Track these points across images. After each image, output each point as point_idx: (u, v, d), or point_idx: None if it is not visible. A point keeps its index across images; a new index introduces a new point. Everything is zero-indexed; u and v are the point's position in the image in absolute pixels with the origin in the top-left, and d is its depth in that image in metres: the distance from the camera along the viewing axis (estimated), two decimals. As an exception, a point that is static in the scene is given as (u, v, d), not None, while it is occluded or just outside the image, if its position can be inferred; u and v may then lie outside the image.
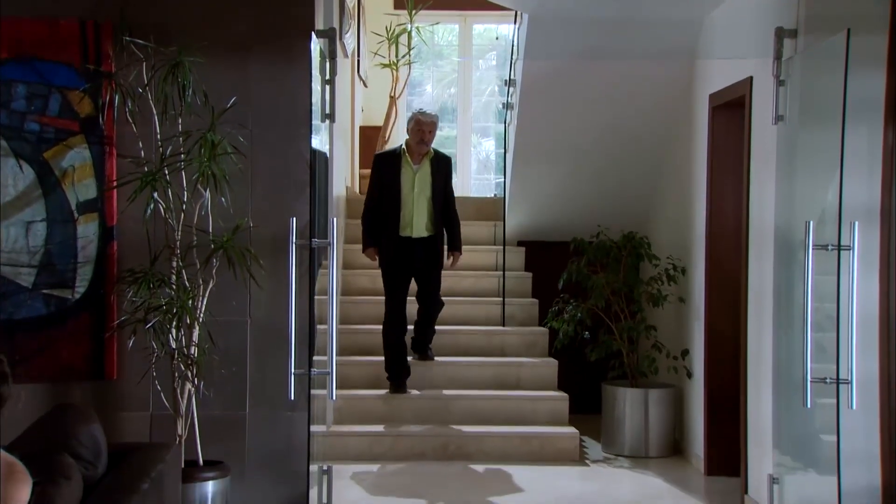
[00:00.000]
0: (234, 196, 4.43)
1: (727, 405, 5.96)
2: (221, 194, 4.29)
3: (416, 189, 6.62)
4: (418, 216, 6.63)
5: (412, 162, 6.65)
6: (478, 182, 13.10)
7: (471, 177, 12.91)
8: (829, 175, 4.19)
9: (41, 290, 4.47)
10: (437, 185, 6.70)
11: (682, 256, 6.76)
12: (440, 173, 6.72)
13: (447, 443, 6.58)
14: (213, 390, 4.53)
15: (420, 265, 6.71)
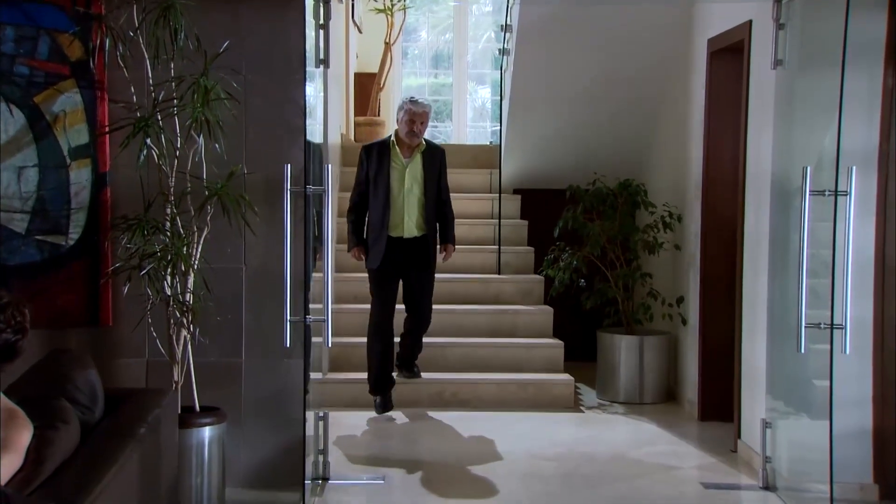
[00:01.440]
0: (227, 142, 4.38)
1: (721, 351, 5.99)
2: (215, 140, 4.24)
3: (407, 185, 6.02)
4: (409, 215, 6.03)
5: (402, 155, 6.05)
6: (474, 130, 13.04)
7: (466, 125, 12.85)
8: (827, 120, 4.16)
9: (34, 237, 4.44)
10: (429, 180, 6.09)
11: (678, 204, 6.74)
12: (433, 167, 6.11)
13: (443, 390, 6.61)
14: (208, 337, 4.52)
15: (411, 268, 6.12)
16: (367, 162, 6.08)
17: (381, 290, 6.11)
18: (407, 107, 6.04)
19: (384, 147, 6.10)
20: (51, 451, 2.51)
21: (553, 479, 4.97)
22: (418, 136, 6.04)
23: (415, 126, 6.00)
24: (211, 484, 4.32)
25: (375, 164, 6.03)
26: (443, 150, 6.30)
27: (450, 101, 12.95)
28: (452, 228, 6.34)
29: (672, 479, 5.02)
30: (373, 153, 6.09)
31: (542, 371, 6.87)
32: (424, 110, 6.05)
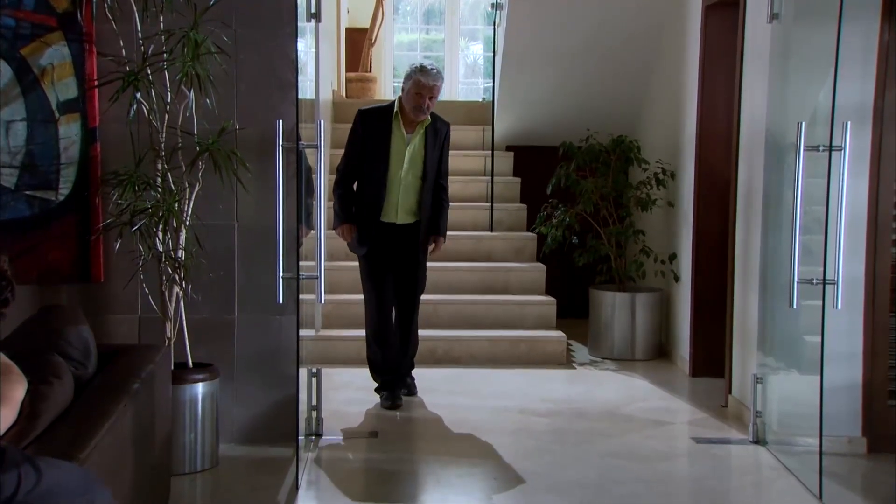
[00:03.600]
0: (218, 98, 4.34)
1: (713, 308, 6.01)
2: (206, 95, 4.20)
3: (406, 165, 5.25)
4: (405, 199, 5.29)
5: (405, 129, 5.26)
6: (465, 87, 12.95)
7: (458, 81, 12.76)
8: (822, 75, 4.13)
9: (24, 192, 4.41)
10: (429, 161, 5.29)
11: (671, 160, 6.72)
12: (435, 145, 5.31)
13: (435, 347, 6.62)
14: (200, 294, 4.52)
15: (400, 259, 5.41)
16: (362, 130, 5.28)
17: (375, 285, 5.38)
18: (416, 77, 5.13)
19: (386, 116, 5.25)
20: (45, 406, 2.51)
21: (544, 434, 4.99)
22: (425, 113, 5.20)
23: (423, 101, 5.13)
24: (204, 440, 4.34)
25: (373, 135, 5.24)
26: (448, 124, 5.46)
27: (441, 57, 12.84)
28: (446, 218, 5.53)
29: (663, 434, 5.05)
30: (371, 121, 5.27)
31: (534, 328, 6.89)
32: (436, 84, 5.14)
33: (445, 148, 5.43)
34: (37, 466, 1.90)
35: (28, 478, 1.87)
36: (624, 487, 4.17)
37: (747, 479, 4.41)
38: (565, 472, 4.38)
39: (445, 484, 4.28)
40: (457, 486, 4.27)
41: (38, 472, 1.90)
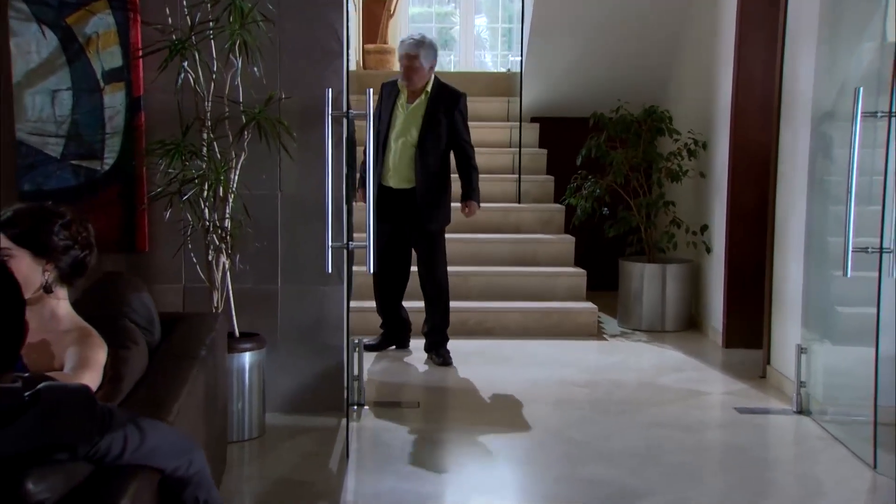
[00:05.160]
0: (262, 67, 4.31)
1: (747, 278, 5.99)
2: (254, 64, 4.18)
3: (397, 131, 5.59)
4: (399, 165, 5.59)
5: (407, 98, 5.61)
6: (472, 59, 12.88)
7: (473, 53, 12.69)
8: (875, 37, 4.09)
9: (69, 161, 4.40)
10: (429, 129, 5.54)
11: (703, 130, 6.68)
12: (438, 114, 5.55)
13: (467, 318, 6.62)
14: (247, 264, 4.51)
15: (403, 222, 5.67)
16: (378, 100, 5.67)
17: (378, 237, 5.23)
18: (398, 49, 5.68)
19: (394, 87, 5.67)
20: (126, 371, 2.51)
21: (585, 404, 5.00)
22: (411, 82, 5.54)
23: (405, 70, 5.55)
24: (252, 409, 4.35)
25: (384, 105, 5.66)
26: (460, 94, 5.67)
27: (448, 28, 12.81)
28: (473, 183, 5.78)
29: (704, 404, 5.06)
30: (384, 92, 5.70)
31: (564, 300, 6.89)
32: (409, 52, 5.51)
33: (458, 118, 5.64)
34: (140, 427, 1.91)
35: (133, 438, 1.88)
36: (672, 456, 4.18)
37: (796, 449, 4.42)
38: (611, 441, 4.39)
39: (493, 452, 4.29)
40: (505, 454, 4.28)
41: (142, 433, 1.90)
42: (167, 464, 1.99)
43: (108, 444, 1.83)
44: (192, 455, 2.06)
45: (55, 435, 1.73)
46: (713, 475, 4.02)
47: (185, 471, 2.03)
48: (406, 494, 3.82)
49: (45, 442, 1.71)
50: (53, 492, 1.69)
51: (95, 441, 1.80)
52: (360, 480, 3.95)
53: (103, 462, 1.83)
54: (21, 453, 1.67)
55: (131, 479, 1.86)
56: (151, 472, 1.95)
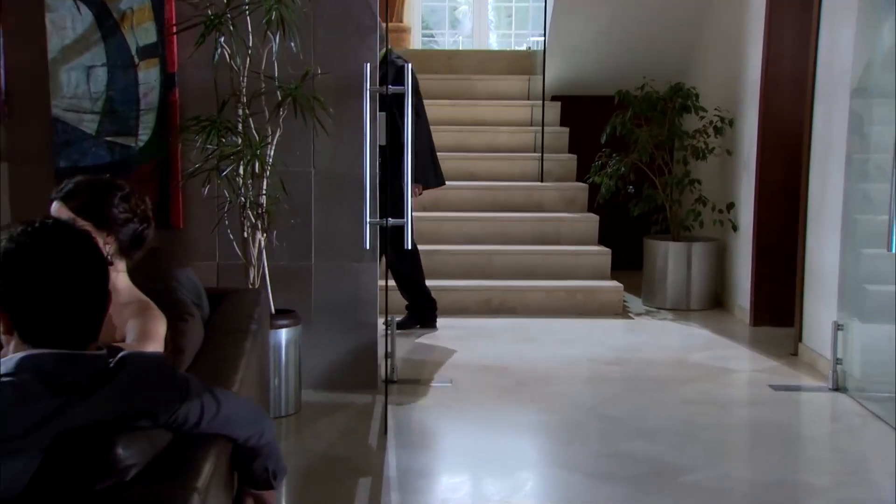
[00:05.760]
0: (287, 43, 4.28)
1: (776, 256, 5.97)
2: (291, 39, 4.15)
3: None
4: None
5: None
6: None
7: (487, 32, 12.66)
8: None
9: (104, 138, 4.39)
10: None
11: (729, 107, 6.64)
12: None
13: (490, 297, 6.62)
14: (284, 241, 4.50)
15: None
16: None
17: None
18: None
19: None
20: (185, 343, 2.50)
21: (618, 382, 4.99)
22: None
23: None
24: (288, 385, 4.35)
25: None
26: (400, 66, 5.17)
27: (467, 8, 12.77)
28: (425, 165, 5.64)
29: (737, 381, 5.05)
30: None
31: (588, 278, 6.87)
32: None
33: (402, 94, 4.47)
34: (216, 396, 1.90)
35: (209, 406, 1.87)
36: (710, 433, 4.17)
37: (836, 426, 4.41)
38: (648, 418, 4.38)
39: (530, 429, 4.29)
40: (542, 430, 4.28)
41: (218, 402, 1.90)
42: (240, 433, 1.98)
43: (185, 413, 1.82)
44: (264, 425, 2.05)
45: (139, 402, 1.73)
46: (754, 452, 4.01)
47: (256, 441, 2.03)
48: (447, 470, 3.83)
49: (129, 409, 1.71)
50: (140, 458, 1.68)
51: (175, 409, 1.80)
52: (399, 456, 3.95)
53: (181, 430, 1.83)
54: (106, 420, 1.66)
55: (210, 448, 1.86)
56: (225, 442, 1.95)
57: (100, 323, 1.75)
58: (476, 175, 7.64)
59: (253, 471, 2.07)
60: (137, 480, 1.66)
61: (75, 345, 1.70)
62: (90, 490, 1.60)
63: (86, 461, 1.61)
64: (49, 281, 1.67)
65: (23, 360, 1.65)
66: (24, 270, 1.67)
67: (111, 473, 1.62)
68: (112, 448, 1.63)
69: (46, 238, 1.71)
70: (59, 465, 1.59)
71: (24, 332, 1.68)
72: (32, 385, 1.61)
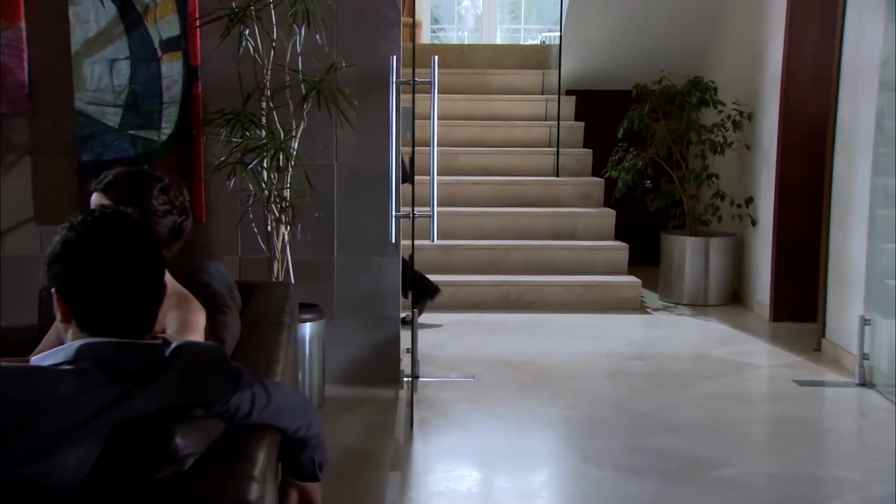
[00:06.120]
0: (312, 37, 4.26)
1: (797, 251, 5.94)
2: (317, 31, 4.12)
3: None
4: None
5: None
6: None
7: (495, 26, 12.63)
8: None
9: (127, 131, 4.36)
10: None
11: (748, 101, 6.60)
12: None
13: (507, 292, 6.59)
14: (309, 234, 4.47)
15: None
16: None
17: None
18: None
19: None
20: (225, 334, 2.47)
21: (641, 377, 4.96)
22: None
23: None
24: (312, 379, 4.33)
25: None
26: None
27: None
28: None
29: (761, 376, 5.02)
30: None
31: (605, 274, 6.84)
32: None
33: None
34: (266, 387, 1.88)
35: (260, 397, 1.85)
36: (738, 428, 4.15)
37: (865, 421, 4.38)
38: (674, 413, 4.35)
39: (556, 423, 4.26)
40: (569, 424, 4.25)
41: (268, 392, 1.88)
42: (290, 424, 1.96)
43: (237, 403, 1.80)
44: (312, 416, 2.03)
45: (195, 392, 1.71)
46: (784, 447, 3.98)
47: (305, 432, 2.00)
48: (476, 465, 3.80)
49: (185, 399, 1.68)
50: (197, 447, 1.66)
51: (228, 399, 1.78)
52: (426, 450, 3.93)
53: (232, 421, 1.81)
54: (163, 409, 1.64)
55: (262, 438, 1.83)
56: (275, 432, 1.92)
57: (156, 312, 1.73)
58: (491, 170, 7.61)
59: (300, 462, 2.05)
60: (195, 469, 1.64)
61: (133, 334, 1.68)
62: (149, 479, 1.58)
63: (145, 450, 1.59)
64: (109, 269, 1.65)
65: (82, 347, 1.63)
66: (84, 259, 1.65)
67: (170, 462, 1.60)
68: (171, 437, 1.61)
69: (106, 227, 1.69)
70: (118, 453, 1.57)
71: (83, 321, 1.66)
72: (93, 373, 1.59)
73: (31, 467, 1.52)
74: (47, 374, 1.58)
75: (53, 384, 1.55)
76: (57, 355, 1.64)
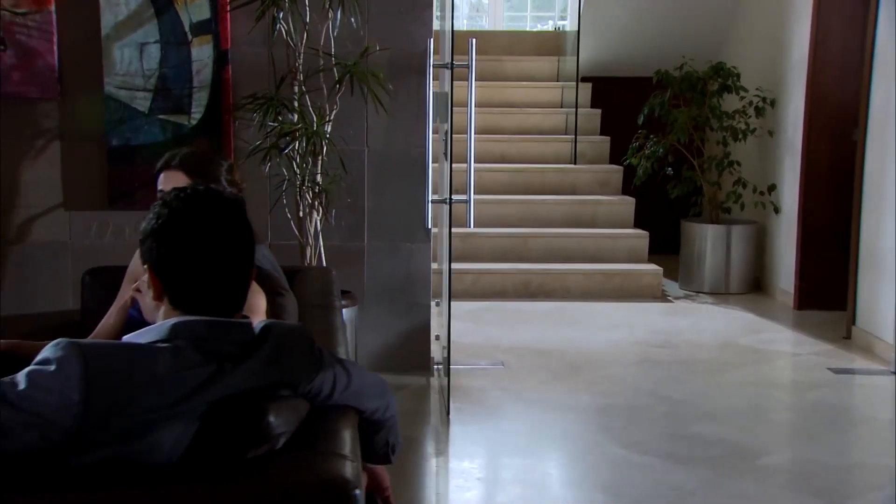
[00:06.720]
0: (346, 20, 4.20)
1: (823, 238, 5.90)
2: (353, 15, 4.06)
3: None
4: None
5: None
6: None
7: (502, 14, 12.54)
8: None
9: (157, 116, 4.30)
10: None
11: (771, 87, 6.55)
12: None
13: (528, 280, 6.55)
14: (343, 220, 4.42)
15: None
16: None
17: None
18: None
19: None
20: (285, 317, 2.44)
21: (672, 365, 4.92)
22: None
23: None
24: (345, 367, 4.27)
25: None
26: None
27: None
28: None
29: (794, 364, 4.98)
30: None
31: (625, 262, 6.80)
32: None
33: None
34: (346, 368, 1.85)
35: (341, 378, 1.82)
36: (778, 415, 4.11)
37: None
38: (712, 400, 4.31)
39: (592, 410, 4.21)
40: (605, 411, 4.20)
41: (348, 373, 1.85)
42: (369, 405, 1.92)
43: (320, 383, 1.77)
44: (390, 398, 1.99)
45: (283, 371, 1.67)
46: (826, 435, 3.93)
47: (382, 413, 1.97)
48: (515, 452, 3.76)
49: (274, 378, 1.64)
50: (288, 426, 1.62)
51: (312, 378, 1.74)
52: (465, 438, 3.89)
53: (315, 401, 1.77)
54: (253, 388, 1.60)
55: (345, 418, 1.80)
56: (354, 413, 1.88)
57: (247, 290, 1.69)
58: (508, 157, 7.56)
59: (374, 444, 2.01)
60: (287, 449, 1.60)
61: (225, 312, 1.64)
62: (243, 457, 1.53)
63: (240, 429, 1.55)
64: (203, 247, 1.61)
65: (176, 326, 1.59)
66: (179, 236, 1.61)
67: (264, 441, 1.56)
68: (265, 416, 1.57)
69: (201, 204, 1.65)
70: (213, 432, 1.53)
71: (176, 298, 1.62)
72: (189, 352, 1.54)
73: (131, 445, 1.49)
74: (147, 352, 1.54)
75: (153, 363, 1.51)
76: (150, 333, 1.60)
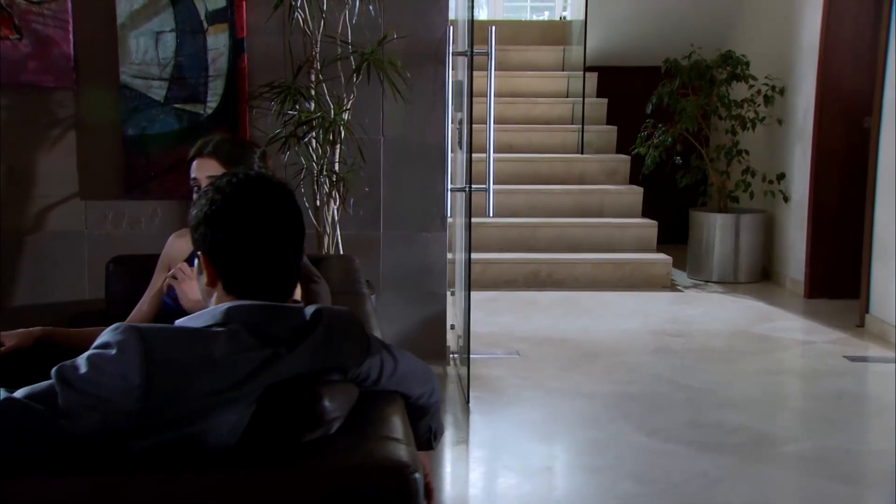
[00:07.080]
0: (364, 7, 4.18)
1: (833, 227, 5.90)
2: (370, 2, 4.04)
3: None
4: None
5: None
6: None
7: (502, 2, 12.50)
8: None
9: (173, 105, 4.28)
10: None
11: (780, 75, 6.54)
12: None
13: (538, 270, 6.54)
14: (361, 209, 4.40)
15: None
16: None
17: None
18: None
19: None
20: (321, 303, 2.42)
21: (687, 354, 4.91)
22: None
23: None
24: (363, 356, 4.26)
25: None
26: None
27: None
28: None
29: (811, 352, 4.98)
30: None
31: (633, 251, 6.80)
32: None
33: None
34: (393, 353, 1.84)
35: (388, 363, 1.81)
36: (798, 403, 4.11)
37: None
38: (731, 388, 4.31)
39: (612, 397, 4.20)
40: (626, 399, 4.19)
41: (395, 359, 1.84)
42: (415, 390, 1.92)
43: (368, 368, 1.76)
44: (434, 383, 1.99)
45: (334, 356, 1.66)
46: (848, 422, 3.93)
47: (427, 399, 1.96)
48: (537, 440, 3.75)
49: (326, 363, 1.63)
50: (341, 411, 1.61)
51: (361, 363, 1.73)
52: (486, 426, 3.88)
53: (363, 386, 1.76)
54: (306, 373, 1.59)
55: (394, 403, 1.78)
56: (400, 399, 1.87)
57: (297, 275, 1.68)
58: (515, 147, 7.54)
59: (418, 429, 2.00)
60: (340, 433, 1.59)
61: (278, 296, 1.63)
62: (298, 441, 1.52)
63: (295, 413, 1.54)
64: (256, 231, 1.60)
65: (230, 310, 1.57)
66: (234, 221, 1.60)
67: (319, 425, 1.55)
68: (319, 400, 1.56)
69: (254, 189, 1.63)
70: (269, 416, 1.52)
71: (230, 284, 1.61)
72: (244, 336, 1.53)
73: (189, 429, 1.47)
74: (203, 336, 1.53)
75: (209, 346, 1.50)
76: (204, 317, 1.59)
